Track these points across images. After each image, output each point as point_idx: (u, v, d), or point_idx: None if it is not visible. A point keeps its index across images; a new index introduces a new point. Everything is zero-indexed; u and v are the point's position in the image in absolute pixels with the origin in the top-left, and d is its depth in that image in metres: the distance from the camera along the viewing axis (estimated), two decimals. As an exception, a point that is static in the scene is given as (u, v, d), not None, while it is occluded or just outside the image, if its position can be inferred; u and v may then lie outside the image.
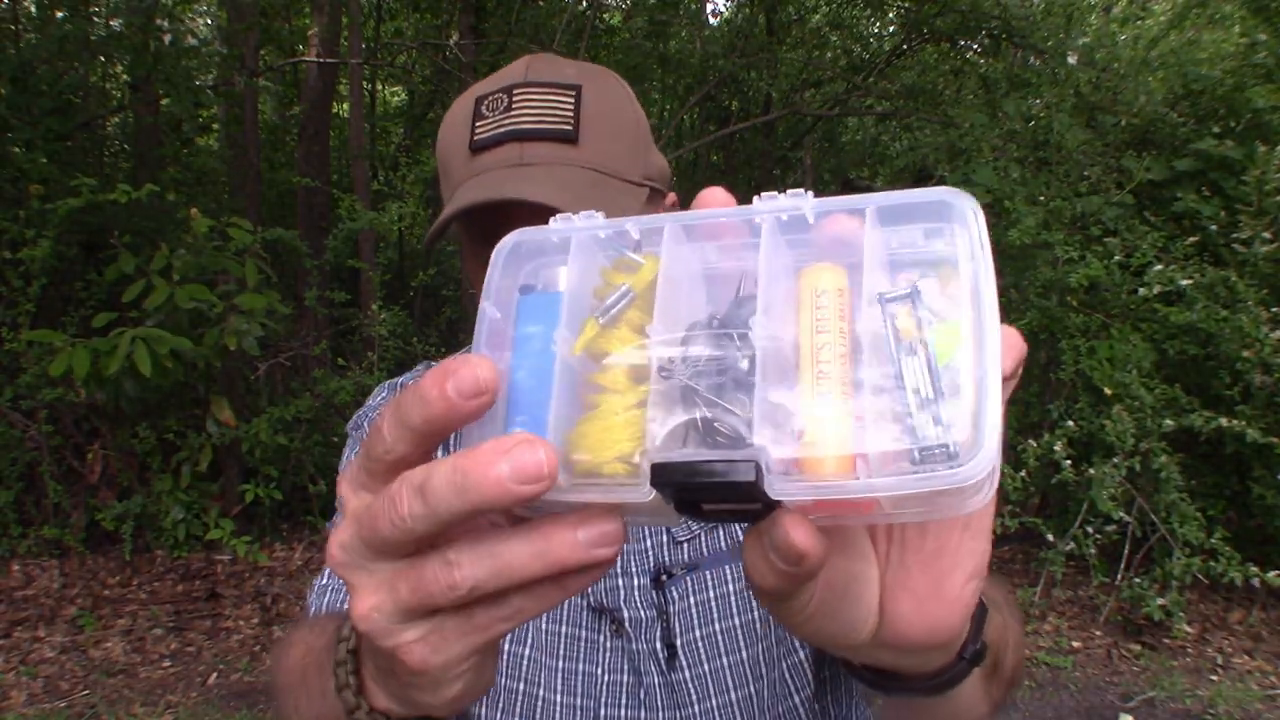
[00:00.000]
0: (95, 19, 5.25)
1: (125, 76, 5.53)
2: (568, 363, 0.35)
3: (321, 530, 4.49)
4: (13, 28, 5.19)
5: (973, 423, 0.30)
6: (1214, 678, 3.42)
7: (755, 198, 0.35)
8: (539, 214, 0.61)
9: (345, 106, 6.89)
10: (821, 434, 0.31)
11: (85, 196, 3.75)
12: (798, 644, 0.77)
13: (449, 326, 6.70)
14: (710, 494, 0.31)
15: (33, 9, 5.39)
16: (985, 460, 0.29)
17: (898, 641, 0.39)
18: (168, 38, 4.94)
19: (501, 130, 0.79)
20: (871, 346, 0.32)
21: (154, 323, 3.58)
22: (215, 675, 3.48)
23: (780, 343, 0.33)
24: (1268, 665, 3.50)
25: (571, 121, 0.79)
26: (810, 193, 0.35)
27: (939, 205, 0.34)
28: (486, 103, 0.81)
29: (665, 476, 0.31)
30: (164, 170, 5.35)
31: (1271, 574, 3.30)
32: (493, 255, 0.38)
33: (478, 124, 0.81)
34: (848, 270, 0.34)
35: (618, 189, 0.79)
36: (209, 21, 6.99)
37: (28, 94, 4.52)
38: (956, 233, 0.33)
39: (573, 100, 0.80)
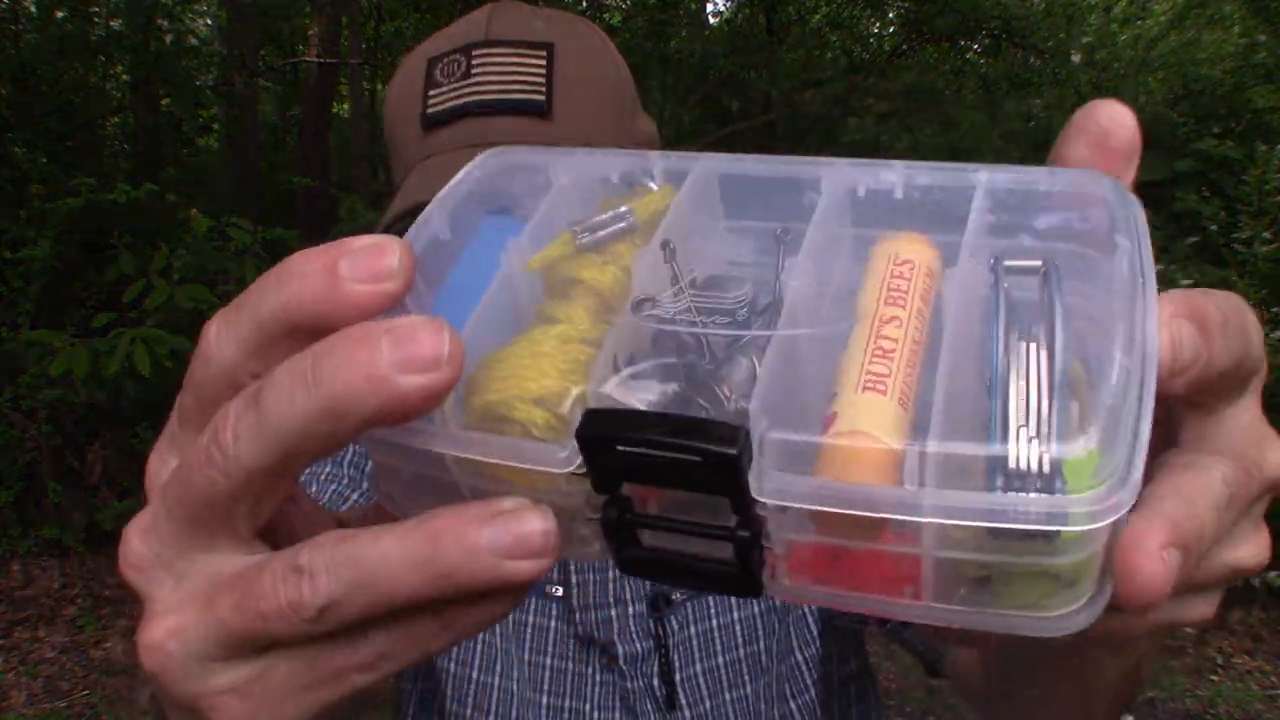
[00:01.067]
0: (95, 19, 5.24)
1: (125, 76, 5.53)
2: (514, 278, 0.26)
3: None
4: (13, 28, 5.18)
5: (1101, 444, 0.19)
6: (1214, 678, 3.42)
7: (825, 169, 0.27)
8: None
9: (345, 106, 6.89)
10: (859, 419, 0.20)
11: (85, 196, 3.75)
12: (809, 682, 0.72)
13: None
14: (661, 474, 0.21)
15: (33, 9, 5.39)
16: (1106, 502, 0.19)
17: None
18: (168, 38, 4.94)
19: (460, 102, 0.66)
20: (965, 339, 0.22)
21: (154, 323, 3.58)
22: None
23: (824, 298, 0.24)
24: (1268, 665, 3.49)
25: (542, 89, 0.66)
26: (903, 164, 0.27)
27: (1076, 197, 0.25)
28: (441, 66, 0.68)
29: (599, 430, 0.20)
30: (164, 170, 5.35)
31: (1271, 574, 3.30)
32: (463, 172, 0.29)
33: (431, 93, 0.68)
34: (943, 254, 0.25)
35: None
36: (209, 22, 6.99)
37: (28, 94, 4.52)
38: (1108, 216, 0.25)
39: (543, 62, 0.67)
